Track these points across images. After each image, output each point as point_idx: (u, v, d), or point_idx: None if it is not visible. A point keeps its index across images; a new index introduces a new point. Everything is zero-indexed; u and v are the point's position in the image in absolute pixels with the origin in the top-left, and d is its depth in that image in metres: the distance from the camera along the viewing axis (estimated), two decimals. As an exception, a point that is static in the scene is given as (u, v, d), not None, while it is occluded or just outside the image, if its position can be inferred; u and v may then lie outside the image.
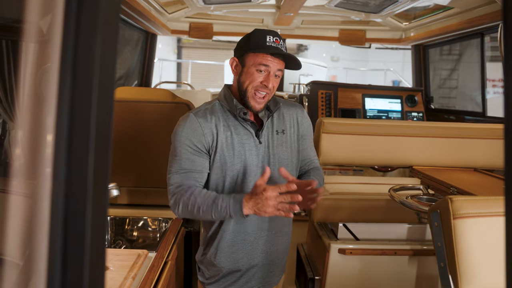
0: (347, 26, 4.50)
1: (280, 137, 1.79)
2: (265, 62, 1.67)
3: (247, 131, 1.73)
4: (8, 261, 0.65)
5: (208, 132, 1.68)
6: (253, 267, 1.80)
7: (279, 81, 1.76)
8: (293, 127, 1.84)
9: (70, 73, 0.54)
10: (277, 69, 1.69)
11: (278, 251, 1.84)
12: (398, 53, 12.30)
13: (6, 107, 1.98)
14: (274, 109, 1.79)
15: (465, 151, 2.48)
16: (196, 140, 1.67)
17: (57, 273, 0.54)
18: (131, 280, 1.51)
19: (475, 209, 1.33)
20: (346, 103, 3.82)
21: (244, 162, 1.71)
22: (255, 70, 1.68)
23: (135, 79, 4.42)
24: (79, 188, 0.53)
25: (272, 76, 1.69)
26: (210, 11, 3.98)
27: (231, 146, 1.70)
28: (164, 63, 8.74)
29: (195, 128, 1.68)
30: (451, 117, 3.78)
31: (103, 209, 0.58)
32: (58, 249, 0.54)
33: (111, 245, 2.27)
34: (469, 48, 3.69)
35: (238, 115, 1.72)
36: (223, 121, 1.73)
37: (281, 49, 1.67)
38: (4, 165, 2.09)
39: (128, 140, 2.48)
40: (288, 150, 1.80)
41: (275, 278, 1.88)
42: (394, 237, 2.31)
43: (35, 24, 0.66)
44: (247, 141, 1.72)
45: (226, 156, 1.69)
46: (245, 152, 1.71)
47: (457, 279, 1.31)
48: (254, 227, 1.75)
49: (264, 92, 1.69)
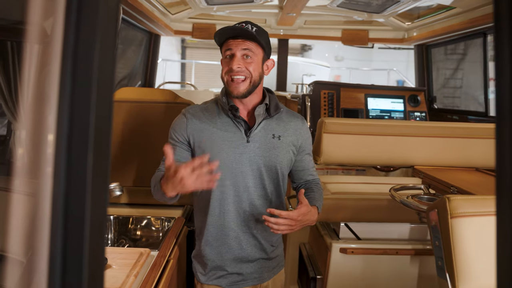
0: (349, 26, 4.51)
1: (275, 141, 1.79)
2: (228, 47, 1.71)
3: (236, 128, 1.77)
4: (11, 258, 0.67)
5: (192, 127, 1.78)
6: (240, 261, 1.82)
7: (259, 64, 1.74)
8: (291, 137, 1.84)
9: (70, 73, 0.56)
10: (242, 48, 1.70)
11: (265, 246, 1.85)
12: (402, 53, 12.29)
13: (11, 107, 2.00)
14: (273, 113, 1.81)
15: (467, 151, 2.48)
16: (179, 133, 1.79)
17: (58, 270, 0.56)
18: (133, 278, 1.53)
19: (472, 208, 1.34)
20: (348, 103, 3.83)
21: (224, 159, 1.73)
22: (224, 57, 1.74)
23: (139, 80, 4.44)
24: (79, 186, 0.55)
25: (238, 57, 1.70)
26: (213, 12, 4.00)
27: (213, 142, 1.75)
28: (168, 64, 8.77)
29: (181, 123, 1.80)
30: (454, 117, 3.78)
31: (103, 206, 0.59)
32: (58, 246, 0.56)
33: (114, 244, 2.29)
34: (474, 47, 3.68)
35: (229, 112, 1.75)
36: (212, 118, 1.78)
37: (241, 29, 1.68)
38: (9, 164, 2.12)
39: (131, 140, 2.50)
40: (280, 157, 1.80)
41: (265, 273, 1.88)
42: (395, 237, 2.32)
43: (39, 25, 0.68)
44: (232, 139, 1.75)
45: (207, 151, 1.73)
46: (227, 149, 1.74)
47: (454, 278, 1.32)
48: (237, 222, 1.78)
49: (238, 76, 1.70)
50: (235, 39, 1.70)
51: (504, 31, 0.61)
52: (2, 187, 1.25)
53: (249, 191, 1.78)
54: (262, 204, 1.80)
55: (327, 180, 2.69)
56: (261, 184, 1.79)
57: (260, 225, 1.82)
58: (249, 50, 1.71)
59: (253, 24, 1.73)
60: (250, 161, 1.76)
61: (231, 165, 1.75)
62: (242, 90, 1.72)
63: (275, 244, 1.91)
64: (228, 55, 1.72)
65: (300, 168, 1.93)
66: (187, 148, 1.81)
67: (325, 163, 2.51)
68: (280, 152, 1.80)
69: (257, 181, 1.79)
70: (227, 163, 1.74)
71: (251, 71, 1.71)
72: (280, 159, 1.80)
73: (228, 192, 1.77)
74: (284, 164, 1.83)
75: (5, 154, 2.08)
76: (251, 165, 1.76)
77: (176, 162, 1.73)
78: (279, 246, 1.95)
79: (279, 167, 1.81)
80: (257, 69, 1.74)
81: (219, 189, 1.76)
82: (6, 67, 1.88)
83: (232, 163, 1.75)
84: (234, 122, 1.77)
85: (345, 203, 2.32)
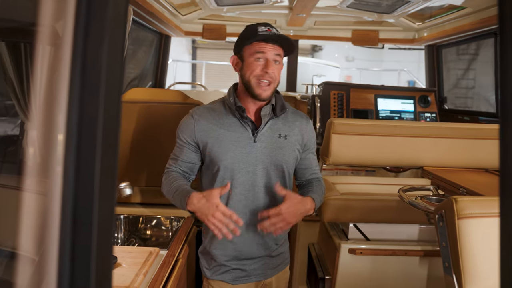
0: (359, 26, 4.49)
1: (281, 141, 1.83)
2: (260, 49, 1.72)
3: (243, 129, 1.79)
4: (23, 255, 0.69)
5: (200, 128, 1.81)
6: (244, 258, 1.86)
7: (280, 70, 1.80)
8: (296, 136, 1.88)
9: (79, 74, 0.57)
10: (274, 54, 1.73)
11: (269, 244, 1.89)
12: (414, 53, 12.19)
13: (23, 108, 2.03)
14: (280, 113, 1.83)
15: (477, 151, 2.46)
16: (187, 134, 1.83)
17: (67, 268, 0.57)
18: (142, 277, 1.55)
19: (479, 209, 1.33)
20: (358, 104, 3.81)
21: (231, 159, 1.77)
22: (253, 59, 1.74)
23: (149, 80, 4.48)
24: (87, 185, 0.56)
25: (271, 62, 1.73)
26: (223, 13, 4.02)
27: (221, 143, 1.78)
28: (179, 64, 8.81)
29: (189, 124, 1.83)
30: (465, 118, 3.75)
31: (111, 205, 0.61)
32: (67, 244, 0.57)
33: (124, 243, 2.32)
34: (485, 47, 3.65)
35: (237, 113, 1.78)
36: (219, 119, 1.81)
37: (274, 34, 1.71)
38: (21, 164, 2.15)
39: (141, 140, 2.52)
40: (286, 156, 1.84)
41: (269, 270, 1.92)
42: (404, 238, 2.31)
43: (51, 27, 0.69)
44: (239, 139, 1.78)
45: (215, 152, 1.78)
46: (235, 150, 1.77)
47: (461, 279, 1.32)
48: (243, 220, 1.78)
49: (267, 80, 1.73)
50: (267, 43, 1.72)
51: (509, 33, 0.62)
52: (14, 186, 1.28)
53: (255, 190, 1.81)
54: (267, 202, 1.84)
55: (336, 181, 2.69)
56: (267, 183, 1.83)
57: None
58: (279, 56, 1.75)
59: (276, 29, 1.76)
60: (257, 160, 1.79)
61: (238, 165, 1.78)
62: (269, 93, 1.77)
63: (279, 242, 1.94)
64: (259, 57, 1.73)
65: (303, 166, 1.97)
66: (194, 149, 1.85)
67: (334, 164, 2.51)
68: (286, 151, 1.84)
69: (264, 180, 1.82)
70: (235, 163, 1.77)
71: (277, 76, 1.77)
72: (286, 158, 1.84)
73: (235, 191, 1.80)
74: (290, 162, 1.87)
75: (17, 153, 2.12)
76: (258, 165, 1.80)
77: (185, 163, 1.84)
78: (284, 244, 1.98)
79: (285, 166, 1.85)
80: (280, 74, 1.80)
81: None
82: (19, 68, 1.91)
83: (239, 163, 1.78)
84: (241, 123, 1.79)
85: (354, 204, 2.32)
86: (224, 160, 1.77)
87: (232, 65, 1.85)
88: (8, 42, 1.83)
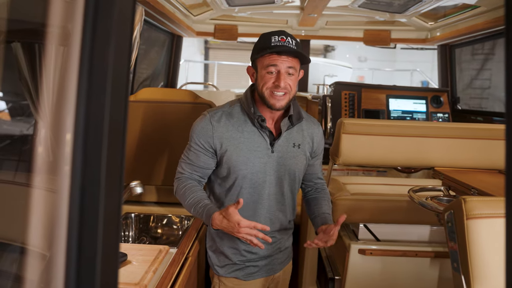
0: (371, 26, 4.47)
1: (295, 150, 1.84)
2: (272, 62, 1.70)
3: (262, 139, 1.79)
4: (32, 251, 0.70)
5: (219, 135, 1.77)
6: (256, 257, 1.88)
7: (297, 79, 1.78)
8: (308, 144, 1.90)
9: (86, 75, 0.59)
10: (287, 66, 1.70)
11: (279, 245, 1.93)
12: (427, 53, 12.08)
13: (37, 108, 2.07)
14: (296, 122, 1.83)
15: (489, 152, 2.43)
16: (204, 140, 1.78)
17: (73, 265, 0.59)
18: (151, 274, 1.56)
19: (488, 210, 1.32)
20: (369, 104, 3.80)
21: (250, 169, 1.77)
22: (266, 72, 1.72)
23: (161, 80, 4.51)
24: (94, 183, 0.58)
25: (284, 75, 1.70)
26: (234, 13, 4.03)
27: (240, 152, 1.77)
28: (191, 64, 8.86)
29: (207, 129, 1.78)
30: (478, 118, 3.70)
31: (117, 203, 0.62)
32: (74, 242, 0.58)
33: (135, 241, 2.34)
34: (500, 46, 3.59)
35: (256, 122, 1.77)
36: (238, 126, 1.79)
37: (287, 46, 1.68)
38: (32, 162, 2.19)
39: (152, 140, 2.55)
40: (299, 164, 1.86)
41: (277, 265, 1.96)
42: (415, 239, 2.30)
43: (62, 28, 0.71)
44: (258, 149, 1.78)
45: (234, 161, 1.77)
46: (253, 159, 1.77)
47: (470, 280, 1.31)
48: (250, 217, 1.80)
49: (280, 92, 1.72)
50: (280, 55, 1.69)
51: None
52: (26, 183, 1.30)
53: (270, 198, 1.84)
54: (278, 206, 1.87)
55: (346, 181, 2.68)
56: (280, 191, 1.86)
57: (278, 225, 1.89)
58: (293, 68, 1.72)
59: (291, 37, 1.73)
60: (273, 170, 1.81)
61: (256, 174, 1.79)
62: (283, 104, 1.75)
63: (288, 240, 2.00)
64: (272, 71, 1.71)
65: (310, 171, 2.00)
66: (211, 155, 1.81)
67: (344, 164, 2.50)
68: (299, 160, 1.86)
69: (278, 189, 1.85)
70: (254, 173, 1.78)
71: (292, 87, 1.74)
72: (299, 166, 1.87)
73: (250, 198, 1.81)
74: (302, 170, 1.90)
75: (29, 152, 2.15)
76: (273, 174, 1.81)
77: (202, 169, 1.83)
78: (289, 239, 2.02)
79: (297, 174, 1.88)
80: (296, 84, 1.78)
81: (241, 196, 1.79)
82: (33, 68, 1.95)
83: (258, 172, 1.79)
84: (260, 132, 1.79)
85: (364, 204, 2.31)
86: (244, 169, 1.77)
87: (248, 74, 1.85)
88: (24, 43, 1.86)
